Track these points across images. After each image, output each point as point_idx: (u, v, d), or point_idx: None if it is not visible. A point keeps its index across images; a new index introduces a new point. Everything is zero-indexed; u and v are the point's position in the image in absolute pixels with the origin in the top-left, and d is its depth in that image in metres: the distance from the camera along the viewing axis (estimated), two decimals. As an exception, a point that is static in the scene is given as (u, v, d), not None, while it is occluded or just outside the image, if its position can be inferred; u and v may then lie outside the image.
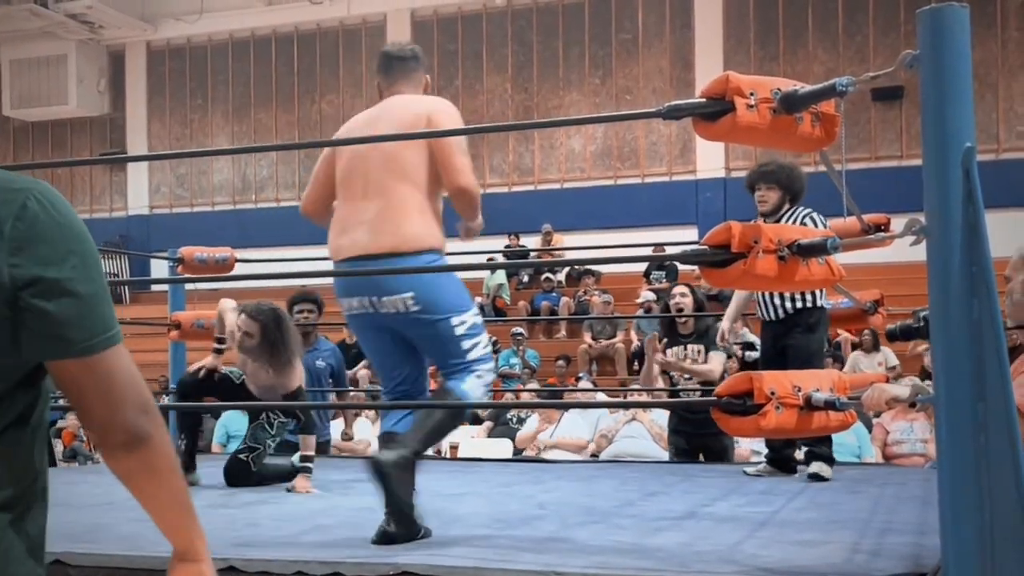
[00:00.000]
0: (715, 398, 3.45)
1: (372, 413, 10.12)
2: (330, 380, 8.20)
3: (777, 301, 5.89)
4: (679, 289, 7.15)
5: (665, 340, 7.23)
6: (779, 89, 3.21)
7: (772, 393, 3.32)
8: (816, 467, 5.81)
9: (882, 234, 5.32)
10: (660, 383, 7.36)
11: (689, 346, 7.12)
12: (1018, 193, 14.94)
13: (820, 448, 5.88)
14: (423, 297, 4.06)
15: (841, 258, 3.75)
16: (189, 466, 5.92)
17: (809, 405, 3.38)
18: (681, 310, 7.10)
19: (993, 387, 2.67)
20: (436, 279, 4.11)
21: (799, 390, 3.37)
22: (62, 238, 1.58)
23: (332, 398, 8.58)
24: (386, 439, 4.17)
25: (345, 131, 4.36)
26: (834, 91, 3.08)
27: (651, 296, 14.10)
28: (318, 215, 4.37)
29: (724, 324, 6.51)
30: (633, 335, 14.53)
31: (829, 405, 3.37)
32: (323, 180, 4.33)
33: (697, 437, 7.04)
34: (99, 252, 1.69)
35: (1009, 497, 2.64)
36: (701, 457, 7.16)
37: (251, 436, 6.10)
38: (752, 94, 3.18)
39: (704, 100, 3.27)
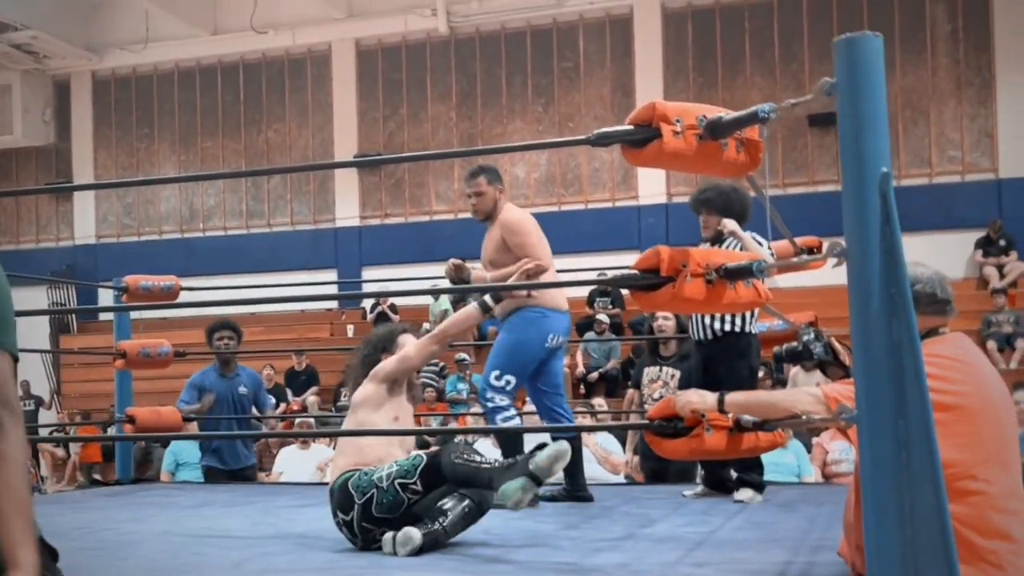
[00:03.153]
0: (647, 421, 3.52)
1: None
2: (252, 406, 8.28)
3: (707, 321, 5.94)
4: (662, 312, 7.11)
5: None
6: (705, 116, 3.28)
7: (702, 416, 3.40)
8: (743, 495, 5.83)
9: (806, 256, 5.34)
10: None
11: (665, 368, 7.18)
12: (950, 216, 15.24)
13: (750, 476, 5.90)
14: None
15: (778, 280, 3.84)
16: None
17: (739, 427, 3.46)
18: (663, 331, 7.16)
19: (913, 405, 2.74)
20: None
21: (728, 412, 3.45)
22: None
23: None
24: None
25: None
26: (756, 118, 3.16)
27: (605, 320, 14.26)
28: None
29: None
30: (579, 358, 14.58)
31: (758, 426, 3.44)
32: None
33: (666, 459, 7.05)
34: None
35: (930, 513, 2.70)
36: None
37: None
38: (678, 121, 3.26)
39: (631, 127, 3.34)
